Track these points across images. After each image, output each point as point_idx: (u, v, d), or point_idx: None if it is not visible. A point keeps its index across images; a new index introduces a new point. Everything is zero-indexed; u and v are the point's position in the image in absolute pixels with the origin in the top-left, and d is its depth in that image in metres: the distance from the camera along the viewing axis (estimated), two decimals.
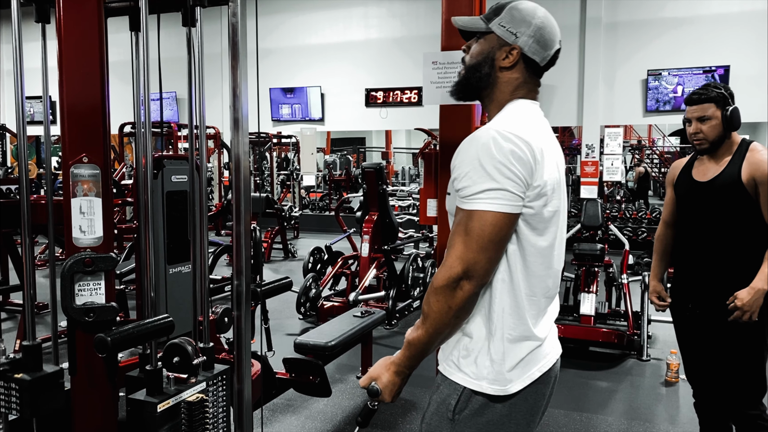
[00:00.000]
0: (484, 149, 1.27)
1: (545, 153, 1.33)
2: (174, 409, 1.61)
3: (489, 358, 1.35)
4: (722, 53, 9.34)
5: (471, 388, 1.36)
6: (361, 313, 3.88)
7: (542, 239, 1.36)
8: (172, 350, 1.68)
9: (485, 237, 1.26)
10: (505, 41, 1.40)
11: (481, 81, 1.43)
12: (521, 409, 1.38)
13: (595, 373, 4.31)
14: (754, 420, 2.44)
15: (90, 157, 1.59)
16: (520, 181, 1.27)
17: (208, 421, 1.66)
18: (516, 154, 1.27)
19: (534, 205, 1.31)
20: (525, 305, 1.36)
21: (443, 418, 1.39)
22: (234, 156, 1.72)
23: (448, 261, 1.28)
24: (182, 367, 1.67)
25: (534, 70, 1.43)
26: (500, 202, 1.26)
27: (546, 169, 1.32)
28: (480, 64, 1.43)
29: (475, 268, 1.27)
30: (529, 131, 1.32)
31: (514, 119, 1.36)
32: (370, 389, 1.39)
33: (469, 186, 1.28)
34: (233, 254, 1.74)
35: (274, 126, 12.72)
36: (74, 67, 1.60)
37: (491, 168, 1.26)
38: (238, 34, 1.62)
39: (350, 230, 7.22)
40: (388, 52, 11.65)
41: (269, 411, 3.56)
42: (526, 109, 1.41)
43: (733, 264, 2.41)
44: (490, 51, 1.42)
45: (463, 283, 1.27)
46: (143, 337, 1.59)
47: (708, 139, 2.43)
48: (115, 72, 2.53)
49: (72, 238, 1.61)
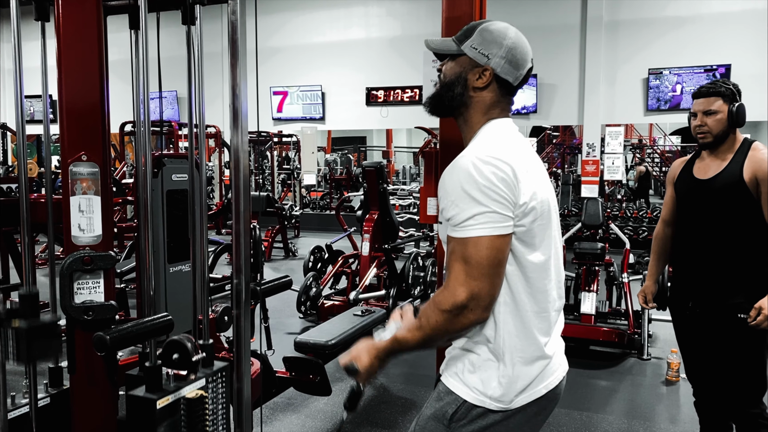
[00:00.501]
0: (466, 176, 1.29)
1: (527, 170, 1.34)
2: (173, 405, 1.60)
3: (497, 380, 1.35)
4: (723, 52, 9.34)
5: (473, 403, 1.36)
6: (361, 311, 3.87)
7: (538, 254, 1.36)
8: (172, 347, 1.67)
9: (484, 262, 1.27)
10: (477, 63, 1.41)
11: (453, 100, 1.45)
12: (519, 421, 1.38)
13: (596, 372, 4.30)
14: (755, 419, 2.44)
15: (89, 155, 1.59)
16: (506, 201, 1.28)
17: (207, 417, 1.66)
18: (498, 176, 1.28)
19: (524, 222, 1.32)
20: (533, 323, 1.37)
21: (439, 423, 1.39)
22: (234, 154, 1.72)
23: (451, 285, 1.28)
24: (182, 363, 1.66)
25: (507, 90, 1.44)
26: (491, 225, 1.27)
27: (530, 186, 1.33)
28: (453, 83, 1.44)
29: (480, 295, 1.27)
30: (507, 151, 1.33)
31: (492, 142, 1.37)
32: (350, 367, 1.42)
33: (458, 214, 1.29)
34: (233, 253, 1.73)
35: (275, 125, 12.72)
36: (73, 65, 1.60)
37: (476, 193, 1.27)
38: (237, 32, 1.62)
39: (351, 229, 7.22)
40: (388, 51, 11.64)
41: (269, 410, 3.56)
42: (502, 129, 1.42)
43: (733, 262, 2.40)
44: (462, 72, 1.43)
45: (467, 312, 1.28)
46: (142, 336, 1.58)
47: (712, 133, 2.42)
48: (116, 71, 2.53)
49: (71, 237, 1.61)
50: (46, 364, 1.89)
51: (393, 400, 3.75)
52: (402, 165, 19.98)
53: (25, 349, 1.48)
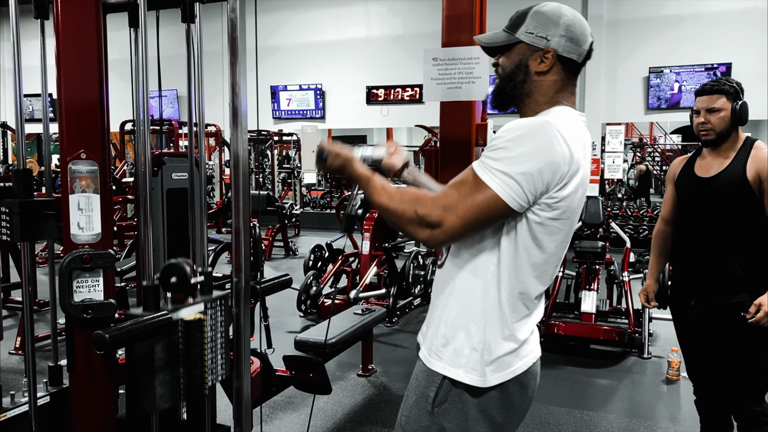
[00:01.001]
0: (534, 138, 1.26)
1: (579, 172, 1.31)
2: (172, 326, 1.57)
3: (470, 346, 1.35)
4: (724, 50, 9.33)
5: (449, 377, 1.36)
6: (361, 310, 3.87)
7: (542, 251, 1.34)
8: (170, 270, 1.62)
9: (475, 211, 1.27)
10: (537, 47, 1.37)
11: (516, 89, 1.41)
12: (497, 407, 1.38)
13: (596, 371, 4.30)
14: (757, 416, 2.44)
15: (88, 153, 1.59)
16: (536, 186, 1.26)
17: (206, 342, 1.61)
18: (556, 164, 1.26)
19: (541, 215, 1.30)
20: (510, 303, 1.35)
21: (423, 410, 1.40)
22: (233, 153, 1.71)
23: (438, 202, 1.29)
24: (180, 287, 1.62)
25: (571, 70, 1.40)
26: (509, 191, 1.25)
27: (571, 187, 1.30)
28: (514, 72, 1.40)
29: (448, 230, 1.28)
30: (577, 145, 1.30)
31: (568, 126, 1.32)
32: (322, 151, 1.49)
33: (498, 160, 1.26)
34: (232, 251, 1.73)
35: (275, 123, 12.72)
36: (73, 63, 1.60)
37: (529, 163, 1.24)
38: (237, 30, 1.61)
39: None
40: (389, 49, 11.64)
41: (269, 408, 3.56)
42: (574, 118, 1.38)
43: (735, 261, 2.40)
44: (521, 59, 1.39)
45: (428, 231, 1.29)
46: (142, 335, 1.58)
47: (715, 131, 2.42)
48: (117, 69, 2.53)
49: (70, 235, 1.61)
50: (45, 363, 1.89)
51: (393, 399, 3.75)
52: None
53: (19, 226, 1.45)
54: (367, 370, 4.19)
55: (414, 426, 1.40)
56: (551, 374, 4.23)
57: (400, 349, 4.88)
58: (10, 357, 4.37)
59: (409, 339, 5.13)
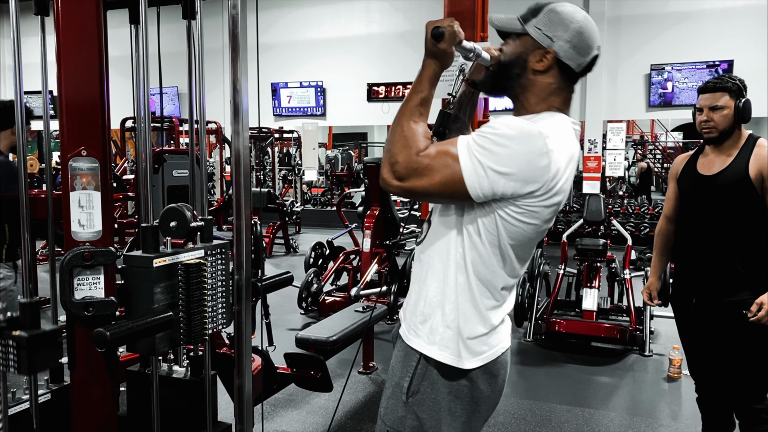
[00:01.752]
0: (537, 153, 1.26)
1: (556, 188, 1.31)
2: (171, 268, 1.55)
3: (444, 324, 1.37)
4: (726, 48, 9.32)
5: (425, 354, 1.38)
6: (362, 308, 3.87)
7: (506, 252, 1.36)
8: (170, 215, 1.61)
9: (442, 180, 1.27)
10: (540, 44, 1.36)
11: (510, 80, 1.41)
12: (467, 395, 1.40)
13: (598, 369, 4.30)
14: (759, 414, 2.44)
15: (89, 150, 1.58)
16: (506, 188, 1.26)
17: (206, 286, 1.61)
18: (532, 179, 1.26)
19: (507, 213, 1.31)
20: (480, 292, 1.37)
21: (398, 400, 1.42)
22: (234, 150, 1.71)
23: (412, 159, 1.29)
24: (180, 231, 1.61)
25: (569, 77, 1.39)
26: (475, 178, 1.26)
27: (543, 202, 1.31)
28: (512, 63, 1.40)
29: (407, 187, 1.30)
30: (562, 162, 1.30)
31: (561, 141, 1.32)
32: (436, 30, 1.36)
33: (483, 147, 1.26)
34: (234, 248, 1.73)
35: (276, 121, 12.71)
36: (73, 59, 1.59)
37: (506, 163, 1.25)
38: (238, 26, 1.60)
39: (352, 225, 7.22)
40: (390, 46, 11.62)
41: (270, 406, 3.56)
42: (569, 131, 1.37)
43: (737, 259, 2.39)
44: (523, 52, 1.38)
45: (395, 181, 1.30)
46: (143, 333, 1.57)
47: (718, 128, 2.41)
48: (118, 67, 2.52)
49: (71, 232, 1.60)
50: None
51: None
52: None
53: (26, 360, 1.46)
54: (368, 367, 4.19)
55: (392, 416, 1.43)
56: (552, 371, 4.23)
57: None
58: None
59: None
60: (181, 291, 1.57)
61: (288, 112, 12.60)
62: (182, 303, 1.57)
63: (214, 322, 1.67)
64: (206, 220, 1.71)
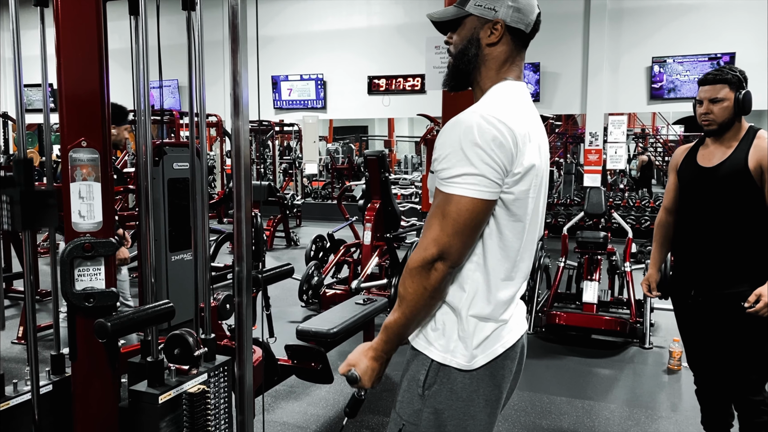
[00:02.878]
0: (467, 133, 1.27)
1: (528, 138, 1.33)
2: (176, 400, 1.61)
3: (457, 333, 1.37)
4: (728, 40, 9.27)
5: (438, 361, 1.38)
6: (363, 300, 3.87)
7: (519, 224, 1.36)
8: (174, 341, 1.67)
9: (461, 222, 1.28)
10: (486, 18, 1.39)
11: (470, 63, 1.42)
12: (488, 385, 1.39)
13: (598, 361, 4.31)
14: (757, 406, 2.44)
15: (89, 141, 1.58)
16: (498, 168, 1.27)
17: (209, 411, 1.66)
18: (498, 141, 1.27)
19: (514, 191, 1.32)
20: (498, 287, 1.37)
21: (414, 394, 1.41)
22: (235, 143, 1.70)
23: (424, 242, 1.30)
24: (183, 358, 1.67)
25: (521, 41, 1.42)
26: (477, 188, 1.27)
27: (527, 155, 1.32)
28: (466, 47, 1.42)
29: (449, 252, 1.28)
30: (513, 116, 1.31)
31: (499, 102, 1.35)
32: (349, 376, 1.41)
33: (448, 168, 1.28)
34: (234, 241, 1.73)
35: (276, 114, 12.69)
36: (73, 50, 1.59)
37: (471, 153, 1.26)
38: (237, 17, 1.60)
39: (352, 218, 7.22)
40: (390, 39, 11.58)
41: (271, 397, 3.57)
42: (513, 91, 1.40)
43: (736, 251, 2.39)
44: (473, 33, 1.41)
45: (437, 265, 1.29)
46: (143, 323, 1.58)
47: (717, 121, 2.40)
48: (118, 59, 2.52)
49: (71, 223, 1.60)
50: (48, 351, 1.89)
51: (394, 388, 3.75)
52: (404, 154, 19.94)
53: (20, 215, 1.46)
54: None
55: (407, 410, 1.42)
56: (553, 364, 4.24)
57: None
58: (13, 347, 4.39)
59: None
60: (185, 420, 1.62)
61: (288, 105, 12.58)
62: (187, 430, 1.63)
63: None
64: (209, 342, 1.75)
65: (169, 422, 1.59)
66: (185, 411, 1.62)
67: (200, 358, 1.70)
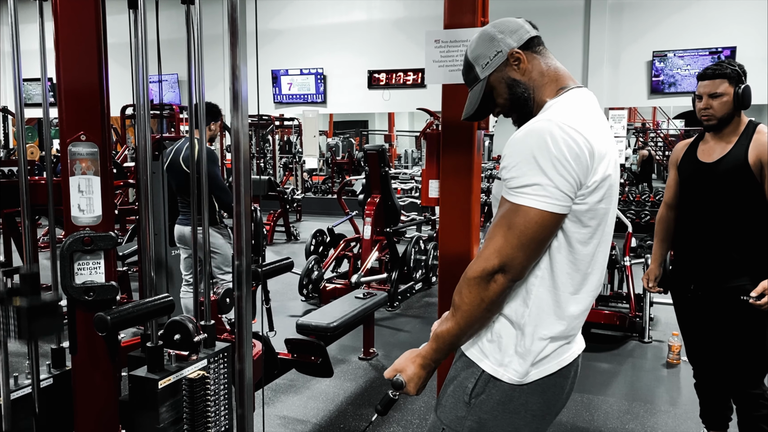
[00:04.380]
0: (540, 142, 1.22)
1: (603, 149, 1.28)
2: (175, 385, 1.61)
3: (514, 349, 1.33)
4: (729, 34, 9.25)
5: (490, 374, 1.35)
6: (362, 294, 3.88)
7: (590, 236, 1.31)
8: (173, 327, 1.67)
9: (527, 234, 1.23)
10: (500, 61, 1.39)
11: (528, 100, 1.40)
12: (538, 401, 1.36)
13: (597, 355, 4.32)
14: (756, 399, 2.45)
15: (88, 135, 1.58)
16: (573, 180, 1.22)
17: (209, 397, 1.66)
18: (573, 151, 1.22)
19: (588, 201, 1.27)
20: (566, 304, 1.33)
21: (459, 400, 1.38)
22: (234, 137, 1.70)
23: (485, 252, 1.25)
24: (183, 344, 1.67)
25: (537, 45, 1.42)
26: (549, 201, 1.22)
27: (602, 166, 1.27)
28: (513, 93, 1.41)
29: (512, 264, 1.24)
30: (589, 126, 1.27)
31: (574, 110, 1.30)
32: (395, 381, 1.38)
33: (518, 177, 1.23)
34: (234, 234, 1.73)
35: (276, 108, 12.67)
36: (71, 44, 1.59)
37: (545, 162, 1.21)
38: (236, 11, 1.59)
39: (352, 213, 7.22)
40: (390, 33, 11.55)
41: (271, 391, 3.58)
42: (583, 99, 1.36)
43: (736, 245, 2.40)
44: (506, 81, 1.41)
45: (497, 277, 1.24)
46: (143, 317, 1.58)
47: (717, 116, 2.40)
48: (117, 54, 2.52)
49: (71, 217, 1.61)
50: (48, 345, 1.90)
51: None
52: (404, 149, 19.92)
53: (26, 327, 1.48)
54: (369, 353, 4.21)
55: (449, 415, 1.39)
56: None
57: (401, 333, 4.90)
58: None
59: (410, 323, 5.15)
60: (185, 405, 1.61)
61: (288, 99, 12.56)
62: (186, 416, 1.62)
63: (216, 427, 1.71)
64: (208, 328, 1.75)
65: (168, 408, 1.59)
66: (185, 397, 1.61)
67: (200, 344, 1.70)
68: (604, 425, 3.24)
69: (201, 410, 1.64)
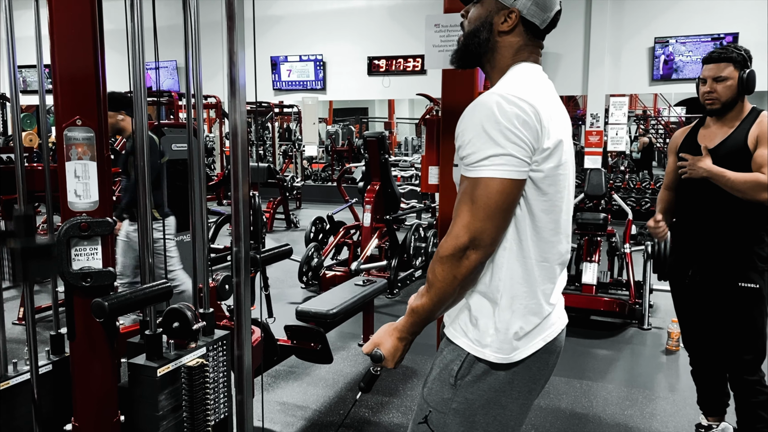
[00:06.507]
0: (488, 114, 1.24)
1: (551, 116, 1.30)
2: (174, 373, 1.62)
3: (494, 326, 1.34)
4: (731, 20, 9.19)
5: (474, 355, 1.35)
6: (362, 282, 3.88)
7: (551, 202, 1.32)
8: (172, 315, 1.67)
9: (492, 205, 1.24)
10: (503, 4, 1.36)
11: (480, 47, 1.39)
12: (524, 377, 1.37)
13: (596, 342, 4.33)
14: (753, 386, 2.46)
15: (84, 120, 1.57)
16: (525, 145, 1.24)
17: (208, 385, 1.67)
18: (521, 118, 1.23)
19: (543, 168, 1.28)
20: (536, 273, 1.34)
21: (445, 383, 1.39)
22: (232, 124, 1.69)
23: (455, 230, 1.26)
24: (182, 332, 1.67)
25: (534, 33, 1.39)
26: (506, 168, 1.23)
27: (553, 131, 1.28)
28: (478, 29, 1.39)
29: (482, 237, 1.25)
30: (533, 94, 1.28)
31: (518, 82, 1.32)
32: (374, 355, 1.40)
33: (473, 153, 1.25)
34: (232, 221, 1.72)
35: (276, 95, 12.62)
36: (66, 28, 1.57)
37: (495, 133, 1.22)
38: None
39: (352, 200, 7.21)
40: (390, 19, 11.48)
41: (271, 377, 3.59)
42: (530, 72, 1.37)
43: (735, 231, 2.39)
44: (487, 15, 1.37)
45: (469, 253, 1.25)
46: (141, 303, 1.58)
47: (721, 100, 2.38)
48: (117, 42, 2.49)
49: (67, 203, 1.60)
50: (47, 332, 1.90)
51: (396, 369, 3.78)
52: (404, 136, 19.86)
53: (21, 268, 1.48)
54: (368, 340, 4.22)
55: (435, 398, 1.40)
56: None
57: None
58: (13, 327, 4.41)
59: None
60: (184, 393, 1.62)
61: (288, 86, 12.51)
62: (186, 404, 1.62)
63: (215, 413, 1.70)
64: (207, 316, 1.74)
65: (168, 395, 1.60)
66: (184, 384, 1.62)
67: (199, 332, 1.70)
68: (603, 411, 3.26)
69: (200, 398, 1.64)
